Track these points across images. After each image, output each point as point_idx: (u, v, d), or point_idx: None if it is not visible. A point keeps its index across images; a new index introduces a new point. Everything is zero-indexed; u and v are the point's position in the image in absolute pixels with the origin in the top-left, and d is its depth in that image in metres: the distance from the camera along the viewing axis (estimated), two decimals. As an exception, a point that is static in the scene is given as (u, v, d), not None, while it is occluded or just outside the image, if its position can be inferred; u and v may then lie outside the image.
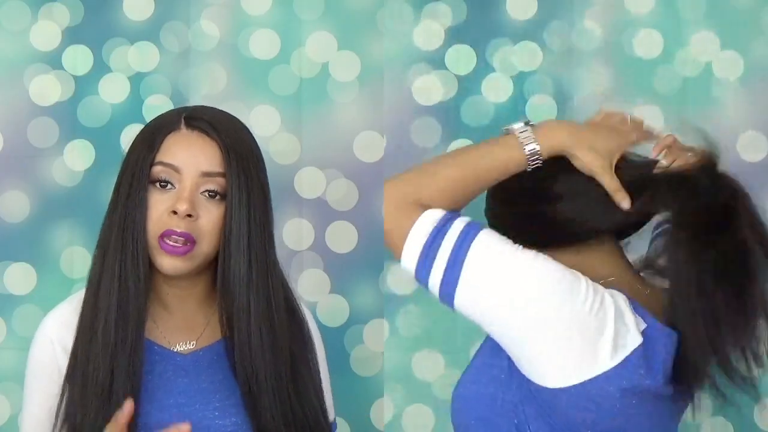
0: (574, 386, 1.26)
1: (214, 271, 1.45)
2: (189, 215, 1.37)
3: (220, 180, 1.40)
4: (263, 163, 1.46)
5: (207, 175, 1.39)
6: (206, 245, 1.40)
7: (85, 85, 2.06)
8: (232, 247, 1.40)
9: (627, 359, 1.26)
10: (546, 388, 1.27)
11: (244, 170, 1.40)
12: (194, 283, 1.46)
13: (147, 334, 1.43)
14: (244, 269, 1.40)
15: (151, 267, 1.42)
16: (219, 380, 1.44)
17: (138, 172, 1.39)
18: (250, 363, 1.41)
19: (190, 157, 1.39)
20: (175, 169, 1.39)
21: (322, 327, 1.61)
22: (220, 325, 1.44)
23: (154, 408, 1.39)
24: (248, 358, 1.41)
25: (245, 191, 1.40)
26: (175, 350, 1.45)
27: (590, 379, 1.25)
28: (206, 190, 1.40)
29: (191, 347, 1.46)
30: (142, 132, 1.45)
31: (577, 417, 1.28)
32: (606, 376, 1.25)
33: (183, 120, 1.42)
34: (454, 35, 2.09)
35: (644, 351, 1.26)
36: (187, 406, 1.41)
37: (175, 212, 1.37)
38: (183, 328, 1.47)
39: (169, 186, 1.40)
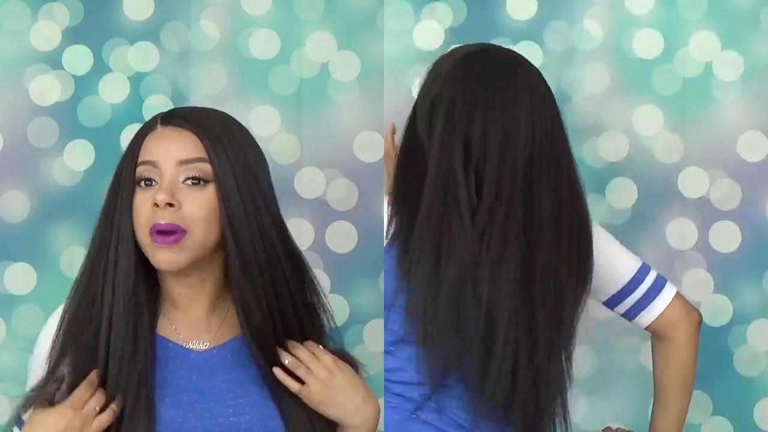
0: None
1: (221, 267, 1.45)
2: (170, 204, 1.37)
3: (201, 165, 1.39)
4: (252, 145, 1.46)
5: (184, 162, 1.39)
6: (198, 234, 1.39)
7: (85, 85, 2.06)
8: (237, 230, 1.39)
9: None
10: None
11: (225, 151, 1.40)
12: (202, 281, 1.45)
13: (161, 331, 1.44)
14: (258, 247, 1.41)
15: (154, 269, 1.42)
16: (233, 378, 1.44)
17: (123, 180, 1.41)
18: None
19: (165, 149, 1.40)
20: (154, 164, 1.40)
21: (322, 327, 1.61)
22: (237, 316, 1.43)
23: (167, 404, 1.40)
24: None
25: (230, 171, 1.40)
26: (189, 348, 1.45)
27: None
28: (187, 178, 1.39)
29: (205, 347, 1.46)
30: (128, 143, 1.46)
31: None
32: None
33: (159, 120, 1.44)
34: (454, 35, 2.09)
35: None
36: (200, 403, 1.41)
37: (157, 204, 1.37)
38: (197, 327, 1.46)
39: (153, 183, 1.40)
